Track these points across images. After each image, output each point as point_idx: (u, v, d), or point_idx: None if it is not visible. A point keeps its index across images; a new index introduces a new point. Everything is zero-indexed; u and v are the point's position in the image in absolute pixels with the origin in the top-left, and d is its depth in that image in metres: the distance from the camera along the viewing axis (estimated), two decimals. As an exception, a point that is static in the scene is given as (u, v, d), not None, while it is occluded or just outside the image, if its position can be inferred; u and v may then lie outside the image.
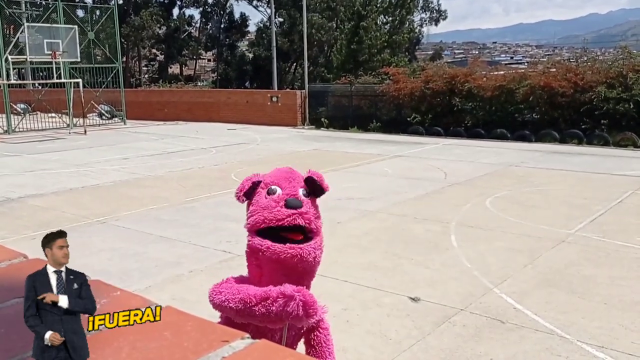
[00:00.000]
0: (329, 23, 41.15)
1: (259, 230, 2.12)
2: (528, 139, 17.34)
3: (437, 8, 48.02)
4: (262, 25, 47.66)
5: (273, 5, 31.77)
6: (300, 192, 2.15)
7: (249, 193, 2.20)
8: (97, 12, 27.43)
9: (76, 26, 22.06)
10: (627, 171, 11.93)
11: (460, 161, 13.56)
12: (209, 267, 6.20)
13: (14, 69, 21.79)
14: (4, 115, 21.54)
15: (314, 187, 2.19)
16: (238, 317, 2.04)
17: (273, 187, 2.15)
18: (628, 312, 4.93)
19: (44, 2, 24.75)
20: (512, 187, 10.31)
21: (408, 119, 20.08)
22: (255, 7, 48.10)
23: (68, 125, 22.59)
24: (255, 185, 2.19)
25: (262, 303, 1.97)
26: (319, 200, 2.24)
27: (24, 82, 26.24)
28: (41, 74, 25.23)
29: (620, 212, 8.43)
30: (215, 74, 51.43)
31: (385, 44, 33.18)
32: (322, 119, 22.55)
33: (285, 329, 2.24)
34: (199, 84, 48.86)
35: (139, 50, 46.98)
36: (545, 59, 25.39)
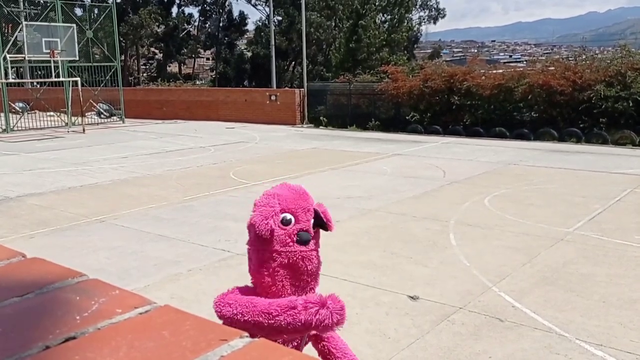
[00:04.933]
0: (328, 22, 41.13)
1: None
2: (527, 137, 17.36)
3: (435, 6, 48.07)
4: (260, 24, 47.63)
5: (272, 4, 31.74)
6: (312, 223, 2.15)
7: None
8: (96, 11, 27.43)
9: (74, 25, 22.04)
10: (626, 169, 11.94)
11: (459, 160, 13.57)
12: (208, 265, 6.20)
13: (12, 67, 21.77)
14: (2, 114, 21.51)
15: (319, 221, 2.20)
16: (255, 330, 1.96)
17: (288, 216, 2.12)
18: (626, 310, 4.94)
19: (42, 1, 24.72)
20: (510, 186, 10.32)
21: (407, 117, 20.09)
22: (254, 5, 48.11)
23: (66, 124, 22.57)
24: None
25: (288, 312, 1.93)
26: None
27: (23, 80, 26.22)
28: (39, 72, 25.20)
29: (619, 210, 8.44)
30: (214, 72, 51.40)
31: (384, 42, 33.16)
32: (321, 118, 22.55)
33: (305, 340, 2.22)
34: (197, 82, 48.84)
35: (138, 48, 46.93)
36: (543, 58, 25.40)
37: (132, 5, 44.05)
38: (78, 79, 21.96)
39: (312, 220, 2.15)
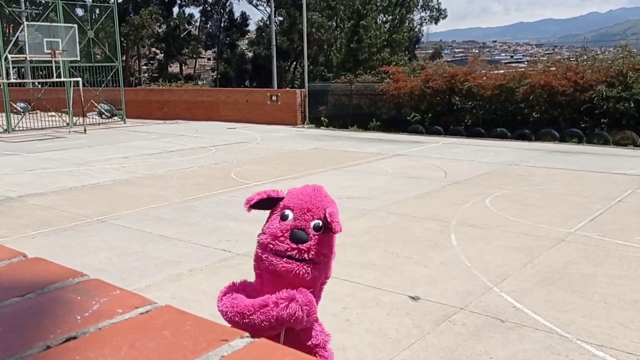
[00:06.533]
0: (329, 22, 41.15)
1: None
2: (528, 137, 17.35)
3: (437, 7, 48.09)
4: (262, 24, 47.69)
5: (273, 4, 31.75)
6: (312, 225, 2.10)
7: (261, 205, 2.19)
8: (97, 11, 27.41)
9: (76, 25, 22.04)
10: (627, 170, 11.93)
11: (460, 160, 13.56)
12: (209, 266, 6.20)
13: (13, 67, 21.78)
14: (3, 114, 21.53)
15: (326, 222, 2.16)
16: (237, 328, 2.00)
17: (286, 212, 2.12)
18: (627, 310, 4.93)
19: (43, 1, 24.73)
20: (511, 186, 10.31)
21: (408, 117, 20.08)
22: (255, 6, 48.13)
23: (68, 124, 22.59)
24: (273, 201, 2.18)
25: (261, 310, 1.97)
26: None
27: (24, 81, 26.25)
28: (41, 72, 25.24)
29: (620, 211, 8.43)
30: (215, 72, 51.43)
31: (385, 42, 33.15)
32: (322, 118, 22.55)
33: (282, 336, 2.23)
34: (198, 82, 48.86)
35: (139, 49, 46.96)
36: (545, 58, 25.39)
37: (133, 5, 44.09)
38: (79, 79, 21.98)
39: (313, 222, 2.11)
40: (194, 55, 51.46)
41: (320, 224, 2.11)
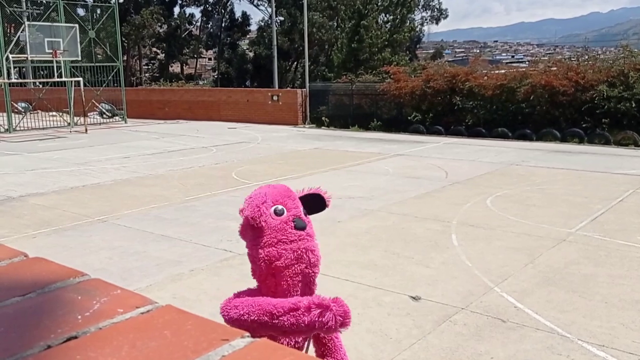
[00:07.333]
0: (330, 22, 41.16)
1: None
2: (529, 137, 17.34)
3: (438, 7, 48.10)
4: (263, 24, 47.69)
5: (274, 4, 31.76)
6: (302, 211, 2.23)
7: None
8: (98, 11, 27.42)
9: (77, 25, 22.06)
10: (628, 170, 11.92)
11: (461, 160, 13.56)
12: (210, 265, 6.21)
13: (14, 67, 21.79)
14: (4, 114, 21.55)
15: (310, 205, 2.29)
16: (260, 329, 2.00)
17: (279, 207, 2.18)
18: (628, 310, 4.93)
19: (44, 1, 24.76)
20: (512, 186, 10.30)
21: (409, 117, 20.08)
22: (256, 6, 48.14)
23: (69, 124, 22.60)
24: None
25: (292, 313, 1.95)
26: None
27: (25, 80, 26.28)
28: (42, 72, 25.28)
29: (621, 210, 8.42)
30: (216, 72, 51.44)
31: (386, 42, 33.14)
32: (323, 118, 22.55)
33: (310, 340, 2.23)
34: (199, 82, 48.87)
35: (140, 49, 46.99)
36: (546, 58, 25.37)
37: (134, 5, 44.11)
38: (80, 79, 21.98)
39: (301, 208, 2.22)
40: (195, 55, 51.49)
41: (304, 210, 2.25)
